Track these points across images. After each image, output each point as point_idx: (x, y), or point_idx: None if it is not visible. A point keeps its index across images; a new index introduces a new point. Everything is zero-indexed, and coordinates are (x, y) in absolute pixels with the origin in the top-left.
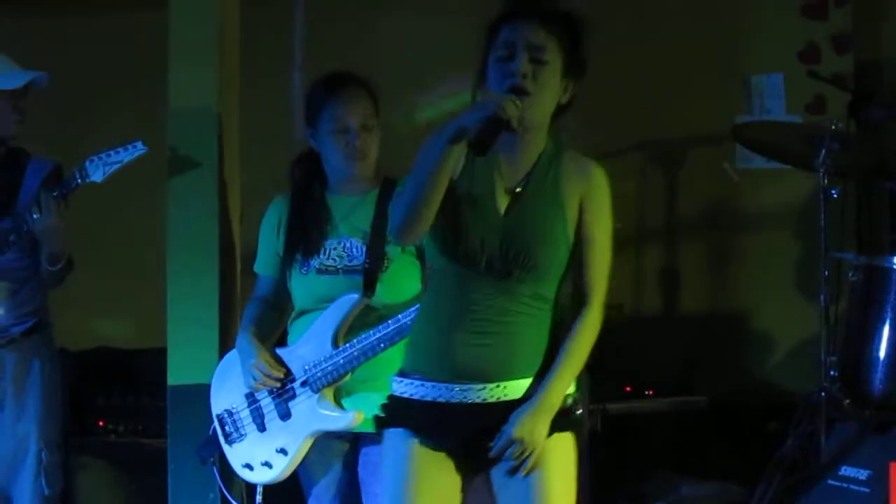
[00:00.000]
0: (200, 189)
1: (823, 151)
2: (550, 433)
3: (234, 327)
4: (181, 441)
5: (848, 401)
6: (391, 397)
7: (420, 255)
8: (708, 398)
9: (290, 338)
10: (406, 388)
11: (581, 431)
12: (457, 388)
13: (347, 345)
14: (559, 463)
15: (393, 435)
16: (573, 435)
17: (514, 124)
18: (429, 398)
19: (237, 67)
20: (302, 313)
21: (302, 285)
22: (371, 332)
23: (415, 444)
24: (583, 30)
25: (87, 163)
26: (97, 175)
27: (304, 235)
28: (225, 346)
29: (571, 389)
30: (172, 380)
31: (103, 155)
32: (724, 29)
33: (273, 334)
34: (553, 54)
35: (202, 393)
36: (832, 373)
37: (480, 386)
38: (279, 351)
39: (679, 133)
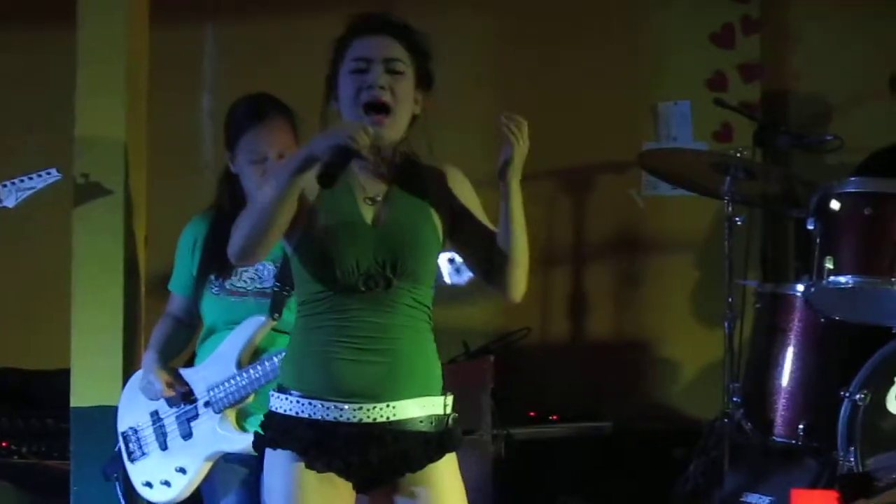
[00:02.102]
0: (106, 212)
1: (729, 179)
2: (443, 453)
3: (138, 349)
4: (84, 463)
5: (751, 427)
6: (271, 414)
7: None
8: (613, 424)
9: (197, 357)
10: (289, 405)
11: (484, 455)
12: (344, 406)
13: (251, 367)
14: (452, 482)
15: (277, 457)
16: (455, 455)
17: (365, 153)
18: (316, 416)
19: (145, 91)
20: (211, 333)
21: (212, 305)
22: (274, 354)
23: (299, 466)
24: (427, 43)
25: (0, 188)
26: (10, 200)
27: (219, 257)
28: (129, 368)
29: (450, 410)
30: (76, 401)
31: (17, 181)
32: (632, 56)
33: (182, 351)
34: (407, 66)
35: (106, 415)
36: (736, 399)
37: (370, 405)
38: (184, 371)
39: (587, 159)
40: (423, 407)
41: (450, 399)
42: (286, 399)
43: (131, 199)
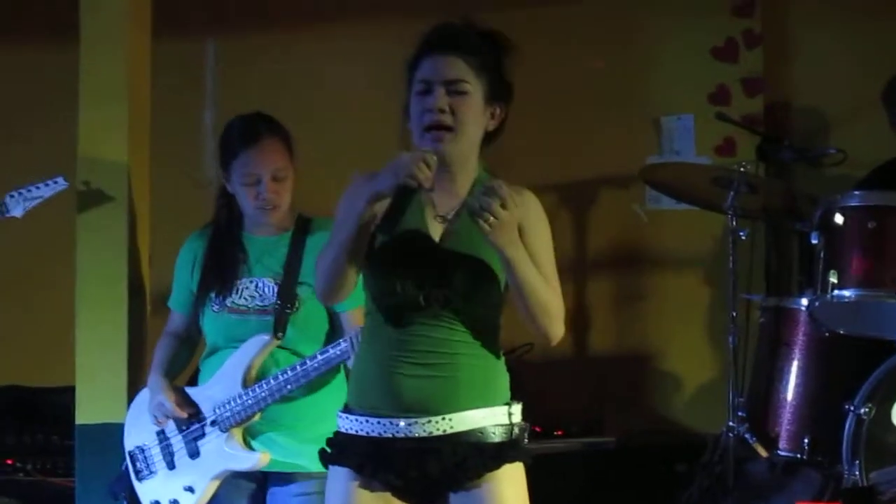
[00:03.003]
0: (110, 228)
1: (732, 193)
2: (501, 462)
3: (143, 366)
4: (89, 480)
5: (755, 441)
6: (337, 433)
7: None
8: (617, 439)
9: (201, 376)
10: (351, 424)
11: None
12: (402, 422)
13: (256, 385)
14: (512, 492)
15: (336, 473)
16: (523, 465)
17: (427, 185)
18: (374, 434)
19: (147, 106)
20: (214, 351)
21: (214, 323)
22: (279, 372)
23: (357, 484)
24: (504, 50)
25: (8, 198)
26: (17, 210)
27: (219, 274)
28: (133, 385)
29: (518, 419)
30: (81, 419)
31: (23, 190)
32: (635, 70)
33: (184, 370)
34: (472, 84)
35: (110, 432)
36: (740, 413)
37: (426, 419)
38: (190, 390)
39: (589, 174)
40: (484, 417)
41: (516, 408)
42: (348, 419)
43: (135, 215)
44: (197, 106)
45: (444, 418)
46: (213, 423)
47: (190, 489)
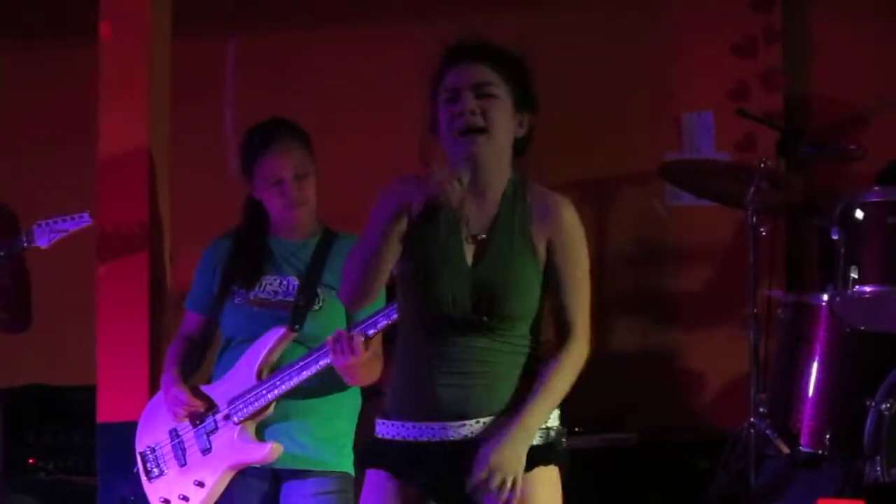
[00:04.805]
0: (131, 227)
1: (752, 189)
2: (533, 466)
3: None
4: (111, 478)
5: (777, 437)
6: (374, 439)
7: None
8: (638, 435)
9: (216, 371)
10: (387, 430)
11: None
12: (435, 426)
13: (270, 377)
14: (544, 494)
15: (371, 476)
16: (558, 469)
17: (455, 205)
18: (410, 437)
19: (168, 107)
20: (228, 346)
21: (233, 315)
22: (292, 362)
23: (391, 486)
24: (527, 64)
25: (35, 227)
26: (43, 240)
27: (244, 269)
28: (155, 383)
29: (556, 423)
30: (102, 417)
31: (50, 221)
32: (655, 67)
33: (195, 372)
34: (500, 88)
35: (131, 431)
36: (761, 410)
37: (459, 423)
38: (204, 388)
39: (610, 170)
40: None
41: (554, 412)
42: (385, 424)
43: (155, 214)
44: (217, 106)
45: (476, 421)
46: (227, 416)
47: (200, 483)
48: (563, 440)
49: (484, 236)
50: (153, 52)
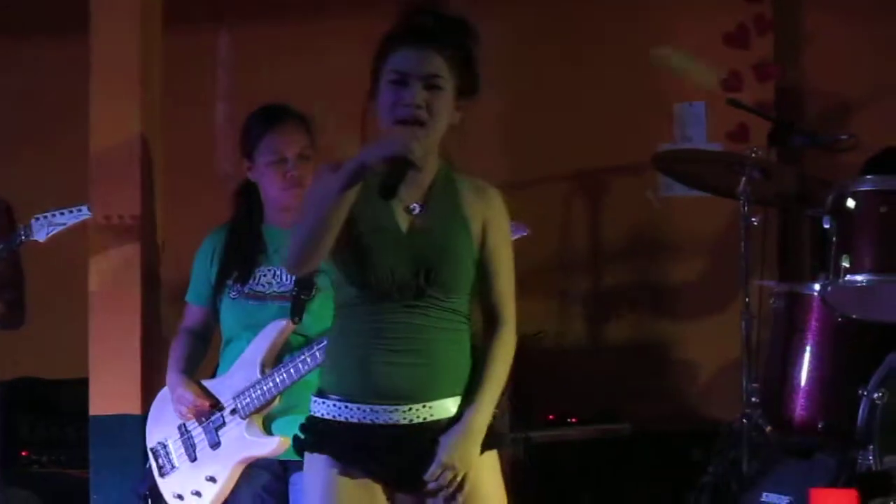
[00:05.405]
0: (122, 219)
1: (745, 179)
2: (480, 452)
3: (156, 358)
4: (104, 471)
5: (770, 427)
6: (311, 418)
7: None
8: (631, 426)
9: (220, 367)
10: (327, 409)
11: (503, 448)
12: (381, 409)
13: (274, 370)
14: (490, 480)
15: (315, 460)
16: (497, 452)
17: (420, 164)
18: (354, 419)
19: (159, 99)
20: (230, 341)
21: (231, 310)
22: (295, 355)
23: (337, 471)
24: (475, 43)
25: (33, 221)
26: (41, 234)
27: (238, 263)
28: (147, 376)
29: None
30: (94, 410)
31: (48, 215)
32: (647, 57)
33: (200, 365)
34: (447, 80)
35: (124, 423)
36: (754, 399)
37: (406, 407)
38: (208, 383)
39: (602, 161)
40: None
41: None
42: (324, 403)
43: (148, 206)
44: (209, 98)
45: (424, 406)
46: (233, 411)
47: (212, 479)
48: (505, 424)
49: (419, 206)
50: (144, 43)
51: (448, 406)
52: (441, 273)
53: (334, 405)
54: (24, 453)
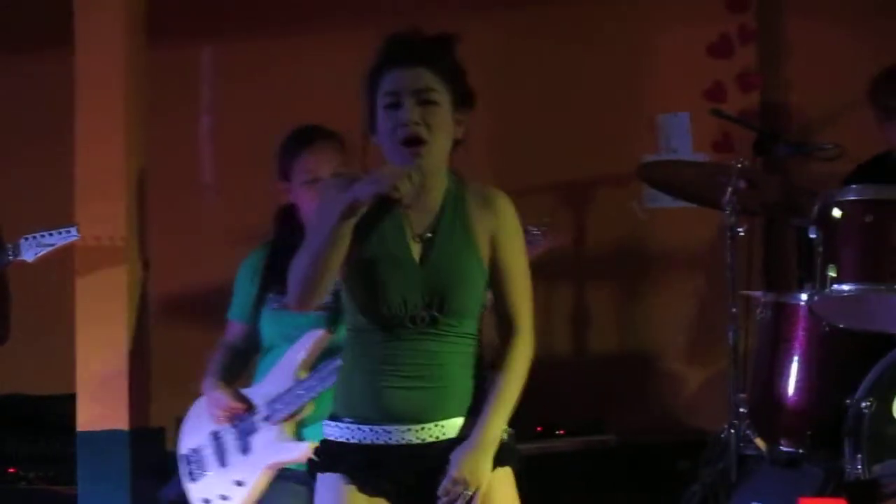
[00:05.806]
0: (108, 234)
1: (730, 190)
2: (494, 467)
3: (145, 374)
4: (91, 487)
5: (757, 437)
6: (324, 442)
7: None
8: (618, 437)
9: (257, 375)
10: (340, 433)
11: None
12: (394, 429)
13: (307, 377)
14: (505, 497)
15: (326, 480)
16: (512, 469)
17: (407, 201)
18: (367, 441)
19: (144, 113)
20: (269, 350)
21: (271, 320)
22: (328, 361)
23: (350, 490)
24: (457, 57)
25: (21, 241)
26: (29, 255)
27: (281, 276)
28: (135, 393)
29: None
30: (82, 426)
31: (37, 235)
32: (630, 68)
33: (238, 378)
34: (440, 94)
35: (112, 439)
36: (741, 409)
37: (419, 426)
38: (244, 390)
39: (587, 173)
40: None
41: None
42: (337, 427)
43: (132, 222)
44: (193, 112)
45: (436, 425)
46: (266, 417)
47: (240, 483)
48: (513, 442)
49: (430, 235)
50: (129, 58)
51: (460, 424)
52: (453, 302)
53: (347, 428)
54: (11, 470)
